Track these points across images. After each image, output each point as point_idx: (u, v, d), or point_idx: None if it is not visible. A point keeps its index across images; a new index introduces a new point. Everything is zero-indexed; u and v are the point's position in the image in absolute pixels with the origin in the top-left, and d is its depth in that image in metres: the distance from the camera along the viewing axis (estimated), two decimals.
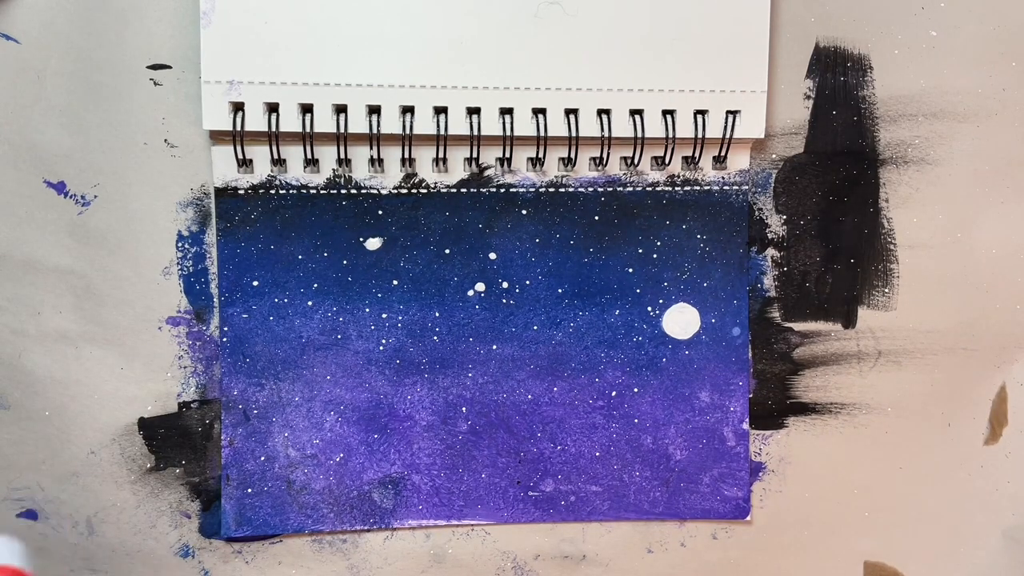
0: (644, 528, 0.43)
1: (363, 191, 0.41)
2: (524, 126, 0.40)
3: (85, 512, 0.41)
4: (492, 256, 0.41)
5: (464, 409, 0.42)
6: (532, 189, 0.41)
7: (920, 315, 0.44)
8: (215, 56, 0.38)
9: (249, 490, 0.41)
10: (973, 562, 0.45)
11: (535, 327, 0.42)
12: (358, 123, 0.39)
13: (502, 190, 0.41)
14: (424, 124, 0.39)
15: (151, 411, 0.40)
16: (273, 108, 0.39)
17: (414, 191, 0.41)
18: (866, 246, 0.43)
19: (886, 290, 0.43)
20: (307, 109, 0.39)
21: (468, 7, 0.39)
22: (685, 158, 0.42)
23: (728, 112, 0.40)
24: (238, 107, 0.38)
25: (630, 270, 0.42)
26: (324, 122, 0.39)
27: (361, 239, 0.41)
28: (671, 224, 0.42)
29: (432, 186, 0.41)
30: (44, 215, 0.39)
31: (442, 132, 0.39)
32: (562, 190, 0.41)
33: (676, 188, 0.42)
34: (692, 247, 0.42)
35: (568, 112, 0.40)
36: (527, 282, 0.42)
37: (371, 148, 0.40)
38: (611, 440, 0.42)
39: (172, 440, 0.41)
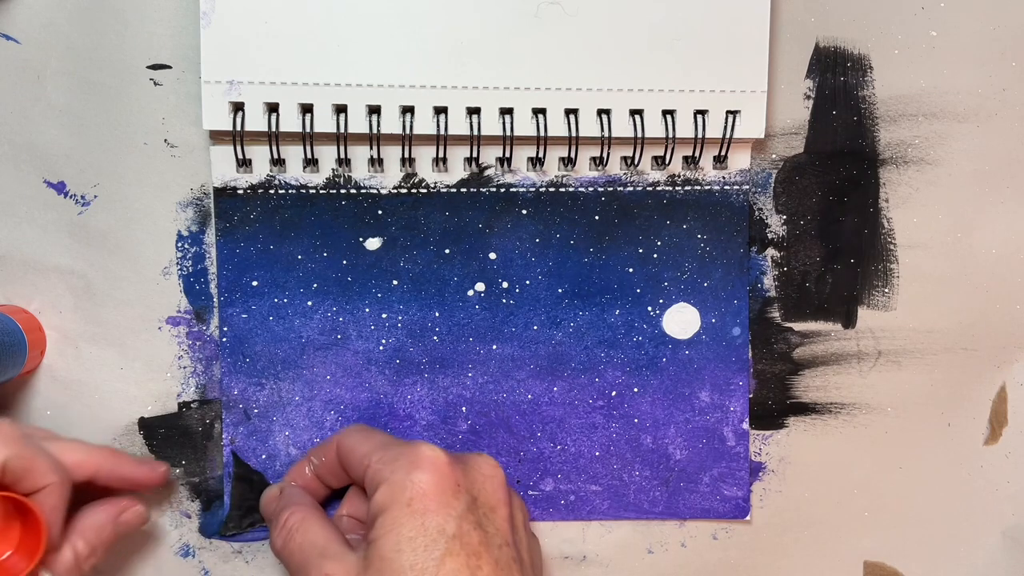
0: (644, 528, 0.43)
1: (363, 191, 0.41)
2: (524, 126, 0.40)
3: None
4: (492, 256, 0.41)
5: (464, 409, 0.42)
6: (532, 189, 0.41)
7: (920, 315, 0.44)
8: (215, 56, 0.38)
9: None
10: (973, 562, 0.45)
11: (535, 327, 0.42)
12: (358, 123, 0.39)
13: (502, 190, 0.41)
14: (424, 124, 0.39)
15: (151, 411, 0.40)
16: (273, 108, 0.39)
17: (414, 191, 0.41)
18: (866, 246, 0.43)
19: (886, 290, 0.43)
20: (307, 109, 0.39)
21: (468, 7, 0.39)
22: (685, 158, 0.42)
23: (728, 112, 0.40)
24: (238, 107, 0.38)
25: (630, 270, 0.42)
26: (324, 122, 0.39)
27: (361, 239, 0.41)
28: (671, 224, 0.42)
29: (432, 186, 0.41)
30: (44, 215, 0.39)
31: (442, 132, 0.39)
32: (562, 190, 0.41)
33: (676, 188, 0.42)
34: (692, 247, 0.42)
35: (568, 112, 0.40)
36: (527, 282, 0.42)
37: (371, 148, 0.40)
38: (611, 440, 0.42)
39: (172, 440, 0.41)
